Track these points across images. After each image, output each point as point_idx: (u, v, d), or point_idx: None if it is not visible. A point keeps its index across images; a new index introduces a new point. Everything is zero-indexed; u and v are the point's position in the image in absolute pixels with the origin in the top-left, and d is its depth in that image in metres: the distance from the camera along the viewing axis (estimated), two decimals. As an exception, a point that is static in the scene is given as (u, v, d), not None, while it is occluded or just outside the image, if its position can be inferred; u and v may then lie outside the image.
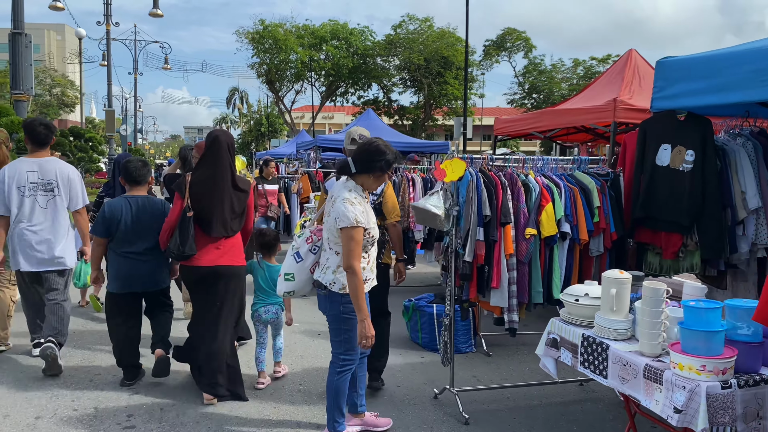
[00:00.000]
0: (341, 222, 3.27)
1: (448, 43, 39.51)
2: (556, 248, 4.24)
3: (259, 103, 59.47)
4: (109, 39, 28.24)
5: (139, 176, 4.49)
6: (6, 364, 5.03)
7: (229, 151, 4.19)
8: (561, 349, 3.30)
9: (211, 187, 4.08)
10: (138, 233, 4.36)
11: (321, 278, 3.47)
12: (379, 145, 3.47)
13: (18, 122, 14.13)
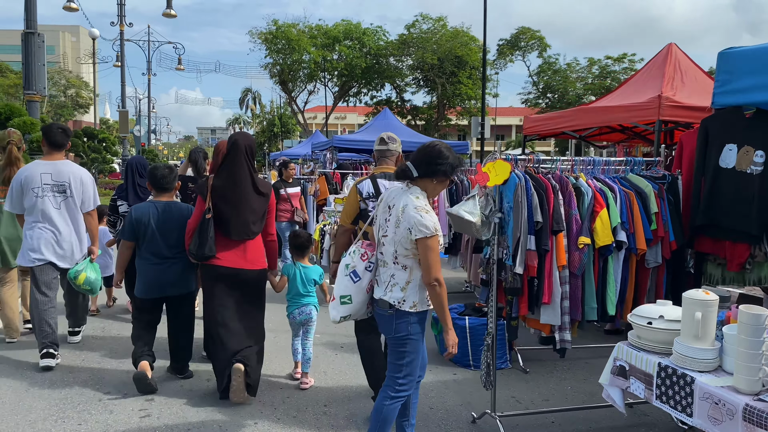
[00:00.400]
0: (418, 232, 2.93)
1: (461, 42, 39.04)
2: (611, 259, 3.80)
3: (271, 103, 59.32)
4: (122, 39, 28.05)
5: (166, 183, 4.51)
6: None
7: (248, 155, 4.18)
8: (630, 379, 2.87)
9: (231, 190, 4.09)
10: (164, 238, 4.39)
11: (386, 297, 3.10)
12: (442, 147, 3.12)
13: (30, 122, 13.86)
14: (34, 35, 15.59)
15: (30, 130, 13.84)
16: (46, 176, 4.80)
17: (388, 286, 3.09)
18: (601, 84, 45.56)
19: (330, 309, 3.33)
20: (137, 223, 4.36)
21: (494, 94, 44.02)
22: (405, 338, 3.09)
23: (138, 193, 5.61)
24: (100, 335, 5.86)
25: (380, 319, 3.18)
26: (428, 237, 2.93)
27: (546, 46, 45.13)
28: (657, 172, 4.19)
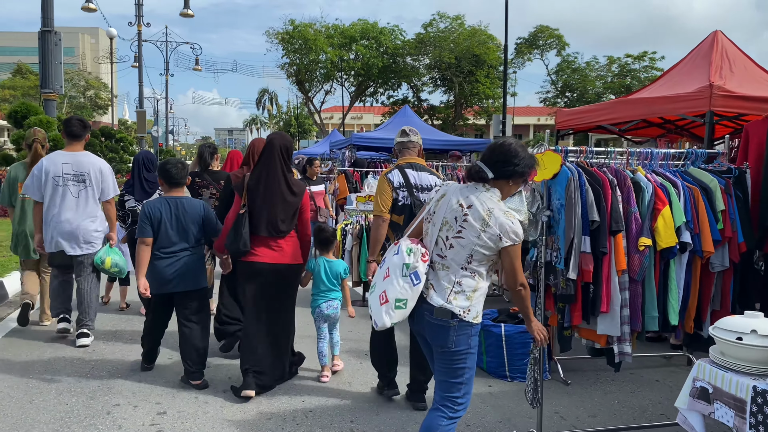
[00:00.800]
0: (509, 239, 2.70)
1: (479, 41, 38.55)
2: (673, 263, 3.37)
3: (288, 104, 59.11)
4: (140, 40, 27.94)
5: (179, 178, 4.49)
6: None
7: (282, 155, 4.23)
8: (715, 404, 2.45)
9: (263, 188, 4.16)
10: (175, 234, 4.35)
11: (449, 305, 2.73)
12: (517, 146, 2.79)
13: (47, 121, 13.63)
14: (51, 33, 15.40)
15: (47, 129, 13.61)
16: (66, 166, 5.05)
17: (450, 293, 2.74)
18: (621, 83, 44.83)
19: (380, 313, 2.84)
20: (152, 218, 4.31)
21: (512, 93, 43.45)
22: (465, 353, 2.75)
23: (145, 187, 5.61)
24: (111, 341, 5.52)
25: (434, 330, 2.78)
26: (516, 244, 2.72)
27: (565, 44, 44.52)
28: (721, 166, 3.75)
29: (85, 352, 5.13)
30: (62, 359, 4.93)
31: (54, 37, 15.71)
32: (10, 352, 5.10)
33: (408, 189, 3.91)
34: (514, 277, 2.74)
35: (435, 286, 2.78)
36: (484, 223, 2.68)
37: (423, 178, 3.98)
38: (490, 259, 2.75)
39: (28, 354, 5.04)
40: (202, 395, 4.27)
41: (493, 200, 2.74)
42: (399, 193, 3.89)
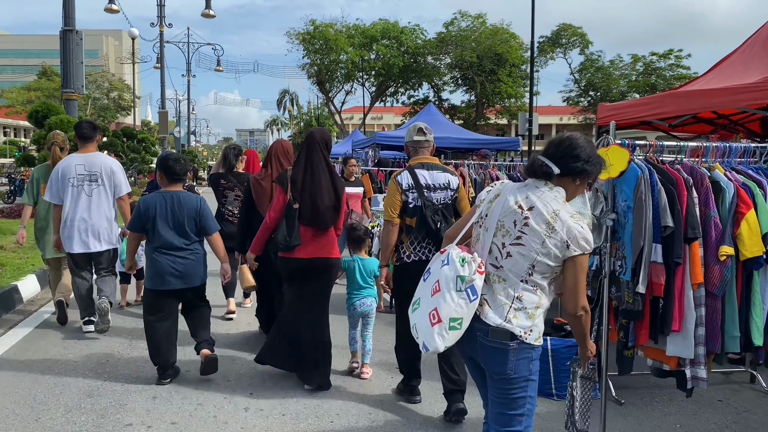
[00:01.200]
0: (578, 247, 2.30)
1: (501, 39, 37.98)
2: (758, 275, 2.92)
3: (309, 104, 59.00)
4: (162, 40, 27.88)
5: (182, 173, 4.44)
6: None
7: (322, 147, 4.27)
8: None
9: (307, 180, 4.18)
10: (175, 229, 4.29)
11: (509, 325, 2.34)
12: (584, 141, 2.40)
13: (67, 121, 13.45)
14: (72, 32, 15.24)
15: (67, 128, 13.43)
16: (80, 167, 5.26)
17: (509, 311, 2.34)
18: (646, 81, 43.94)
19: (432, 334, 2.42)
20: (144, 213, 4.26)
21: (535, 92, 42.75)
22: (525, 380, 2.35)
23: None
24: (126, 351, 5.18)
25: (489, 353, 2.38)
26: (585, 254, 2.32)
27: (588, 42, 43.79)
28: (806, 163, 3.29)
29: (99, 363, 4.79)
30: (73, 371, 4.60)
31: (75, 36, 15.55)
32: (20, 363, 4.79)
33: (418, 190, 3.77)
34: (575, 297, 2.31)
35: (490, 302, 2.37)
36: (549, 227, 2.28)
37: (436, 177, 3.84)
38: (554, 270, 2.33)
39: (38, 366, 4.72)
40: (221, 414, 3.91)
41: (559, 201, 2.33)
42: (409, 195, 3.77)
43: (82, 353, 5.02)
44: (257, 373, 4.60)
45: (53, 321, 5.87)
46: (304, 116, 58.69)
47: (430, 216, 3.74)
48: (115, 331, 5.61)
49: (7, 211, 13.15)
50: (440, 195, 3.81)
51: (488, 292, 2.40)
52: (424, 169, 3.82)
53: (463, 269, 2.36)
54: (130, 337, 5.50)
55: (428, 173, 3.82)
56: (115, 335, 5.51)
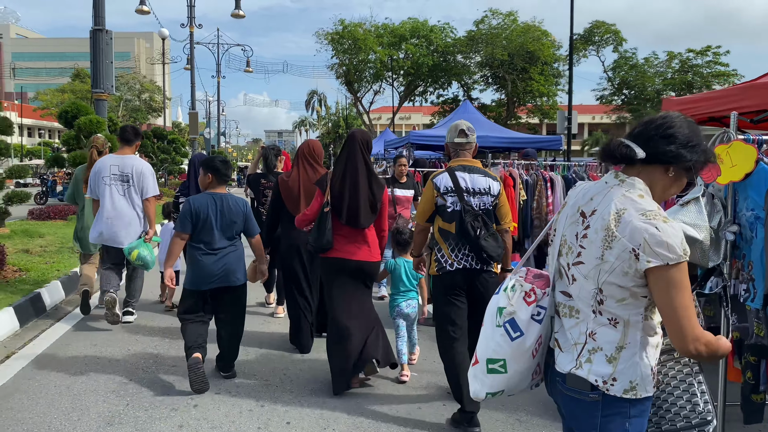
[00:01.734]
0: (654, 256, 1.66)
1: (533, 37, 37.16)
2: None
3: (337, 104, 58.70)
4: (192, 41, 27.75)
5: (228, 175, 4.47)
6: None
7: (362, 148, 4.24)
8: None
9: (347, 180, 4.15)
10: (222, 230, 4.30)
11: (581, 371, 1.80)
12: (684, 120, 1.81)
13: (96, 121, 13.21)
14: (102, 32, 15.02)
15: (96, 128, 13.19)
16: (114, 167, 5.58)
17: (582, 352, 1.80)
18: (683, 79, 42.62)
19: (471, 376, 2.03)
20: (196, 214, 4.22)
21: (567, 90, 41.74)
22: None
23: (200, 189, 5.48)
24: (149, 370, 4.74)
25: (571, 405, 1.86)
26: (672, 264, 1.65)
27: (622, 40, 42.70)
28: None
29: (120, 384, 4.33)
30: (93, 392, 4.16)
31: (105, 35, 15.33)
32: (38, 380, 4.38)
33: (458, 194, 3.59)
34: (677, 328, 1.66)
35: (561, 342, 1.86)
36: (609, 233, 1.72)
37: (476, 180, 3.65)
38: (637, 295, 1.73)
39: (56, 384, 4.30)
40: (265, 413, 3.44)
41: (631, 196, 1.76)
42: (447, 199, 3.61)
43: (104, 370, 4.60)
44: (294, 392, 4.14)
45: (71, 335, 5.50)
46: (332, 117, 58.42)
47: (470, 222, 3.53)
48: (141, 345, 5.20)
49: (37, 212, 12.93)
50: (480, 200, 3.62)
51: (560, 329, 1.88)
52: (464, 172, 3.64)
53: (503, 298, 1.91)
54: (155, 351, 5.07)
55: (468, 176, 3.63)
56: (140, 348, 5.09)
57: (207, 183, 4.39)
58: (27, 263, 7.61)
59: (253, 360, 4.86)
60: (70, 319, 5.98)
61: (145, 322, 5.92)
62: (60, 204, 14.20)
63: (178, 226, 4.27)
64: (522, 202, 6.16)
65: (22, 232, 9.85)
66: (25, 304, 5.88)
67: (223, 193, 4.38)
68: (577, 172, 6.41)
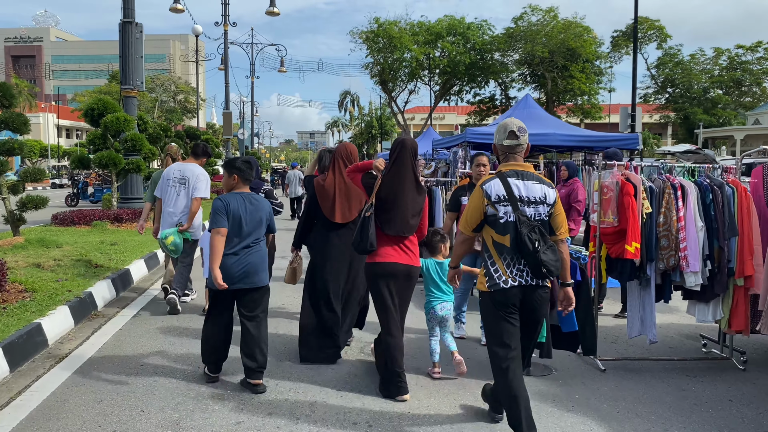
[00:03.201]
0: None
1: (575, 33, 35.43)
2: None
3: (370, 105, 57.44)
4: (226, 39, 26.79)
5: (251, 174, 4.42)
6: None
7: (411, 155, 4.15)
8: None
9: (395, 188, 4.08)
10: (252, 227, 4.23)
11: None
12: None
13: (123, 119, 12.09)
14: (132, 24, 13.87)
15: (124, 127, 12.08)
16: (176, 172, 6.27)
17: None
18: (731, 76, 40.34)
19: None
20: (227, 210, 4.15)
21: (610, 89, 39.96)
22: None
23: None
24: None
25: None
26: None
27: (666, 36, 40.64)
28: None
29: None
30: None
31: (135, 28, 14.18)
32: (71, 402, 3.12)
33: (512, 203, 3.23)
34: None
35: None
36: None
37: (531, 188, 3.28)
38: None
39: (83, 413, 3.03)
40: None
41: None
42: (499, 209, 3.25)
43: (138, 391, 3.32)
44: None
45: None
46: (365, 117, 57.21)
47: (527, 234, 3.16)
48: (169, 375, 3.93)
49: (61, 217, 11.81)
50: (535, 210, 3.27)
51: None
52: (517, 179, 3.28)
53: None
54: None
55: (522, 183, 3.27)
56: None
57: (233, 184, 4.35)
58: (35, 281, 6.42)
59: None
60: (73, 361, 4.72)
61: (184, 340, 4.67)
62: (86, 208, 13.13)
63: (213, 224, 4.14)
64: (645, 215, 4.71)
65: (37, 241, 8.70)
66: (18, 341, 4.64)
67: (248, 192, 4.36)
68: (712, 177, 4.93)
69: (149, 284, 7.71)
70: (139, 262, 8.22)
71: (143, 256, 8.55)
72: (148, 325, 5.77)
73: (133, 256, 8.44)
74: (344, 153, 4.87)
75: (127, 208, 12.99)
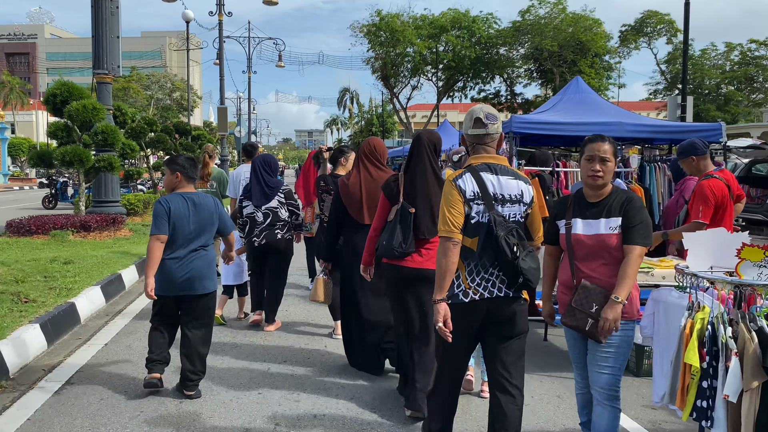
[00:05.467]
0: None
1: (584, 26, 33.41)
2: None
3: (370, 102, 55.13)
4: (221, 30, 24.54)
5: (195, 173, 4.04)
6: None
7: (429, 150, 3.76)
8: None
9: (415, 186, 3.70)
10: (195, 233, 3.88)
11: None
12: None
13: (92, 108, 9.85)
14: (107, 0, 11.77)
15: (92, 117, 9.86)
16: (246, 173, 6.21)
17: None
18: (744, 72, 38.30)
19: None
20: (168, 214, 3.79)
21: (619, 85, 37.91)
22: None
23: (266, 191, 5.26)
24: None
25: None
26: None
27: (677, 30, 38.53)
28: None
29: None
30: None
31: (110, 3, 11.99)
32: None
33: (485, 201, 2.68)
34: None
35: None
36: None
37: (506, 184, 2.74)
38: None
39: None
40: None
41: None
42: (473, 207, 2.69)
43: None
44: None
45: None
46: (365, 114, 54.94)
47: (504, 237, 2.63)
48: None
49: (16, 225, 9.52)
50: (510, 210, 2.73)
51: None
52: (490, 173, 2.72)
53: None
54: None
55: (496, 179, 2.72)
56: None
57: (175, 183, 3.97)
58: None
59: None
60: None
61: None
62: (49, 214, 10.90)
63: (153, 228, 3.82)
64: None
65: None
66: None
67: (192, 192, 3.98)
68: None
69: (102, 323, 5.53)
70: (93, 291, 6.04)
71: (101, 281, 6.38)
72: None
73: (88, 281, 6.27)
74: (368, 149, 4.35)
75: (100, 213, 10.80)
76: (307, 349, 4.89)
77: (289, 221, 5.34)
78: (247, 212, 5.29)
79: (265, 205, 5.23)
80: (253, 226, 5.26)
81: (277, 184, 5.33)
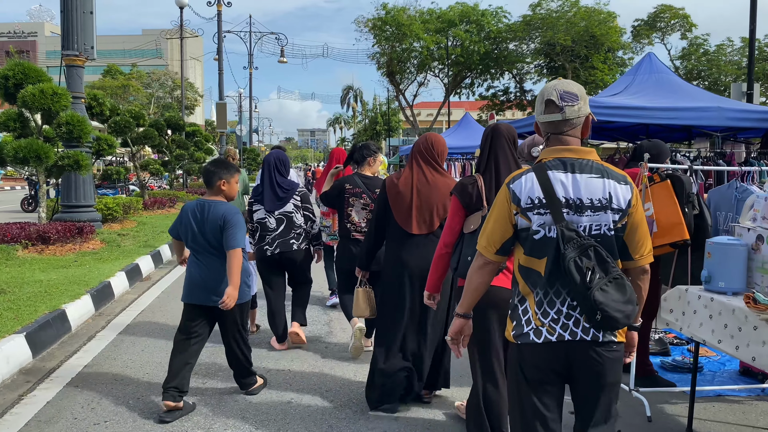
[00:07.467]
0: None
1: (598, 20, 31.57)
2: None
3: (374, 100, 53.07)
4: (219, 21, 22.61)
5: (209, 180, 3.68)
6: None
7: (511, 145, 3.06)
8: None
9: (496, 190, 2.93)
10: (200, 241, 3.55)
11: None
12: None
13: (51, 93, 7.90)
14: (77, -30, 9.80)
15: (53, 104, 7.92)
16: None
17: None
18: (762, 68, 36.31)
19: None
20: (181, 218, 3.62)
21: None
22: None
23: (278, 193, 4.66)
24: None
25: None
26: None
27: (691, 25, 36.64)
28: None
29: None
30: None
31: (82, -25, 10.08)
32: None
33: (552, 209, 1.92)
34: None
35: None
36: None
37: (587, 185, 1.95)
38: None
39: None
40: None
41: None
42: (533, 219, 1.94)
43: None
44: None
45: None
46: (369, 113, 52.90)
47: (574, 259, 1.86)
48: None
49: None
50: (592, 219, 1.93)
51: None
52: (563, 171, 1.95)
53: None
54: None
55: (571, 179, 1.94)
56: None
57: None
58: None
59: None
60: None
61: None
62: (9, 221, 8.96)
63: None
64: None
65: None
66: None
67: (209, 200, 3.61)
68: None
69: (15, 396, 3.57)
70: (16, 341, 4.08)
71: (35, 321, 4.43)
72: None
73: (14, 324, 4.32)
74: (425, 146, 3.63)
75: (70, 219, 8.87)
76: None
77: (305, 228, 4.67)
78: (258, 217, 4.69)
79: (279, 210, 4.61)
80: (264, 233, 4.64)
81: (292, 186, 4.74)
